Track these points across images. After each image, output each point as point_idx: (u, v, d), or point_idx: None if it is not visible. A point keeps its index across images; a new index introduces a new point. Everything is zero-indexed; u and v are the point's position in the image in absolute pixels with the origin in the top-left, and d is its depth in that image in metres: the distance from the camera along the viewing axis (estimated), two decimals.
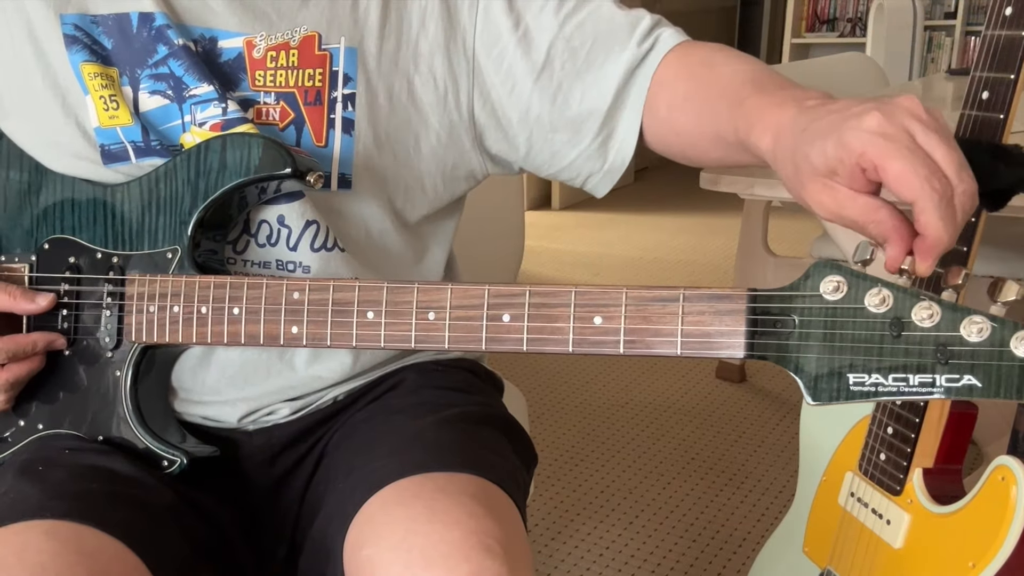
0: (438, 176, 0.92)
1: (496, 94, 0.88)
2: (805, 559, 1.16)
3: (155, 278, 0.81)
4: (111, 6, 0.84)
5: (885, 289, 0.58)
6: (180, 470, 0.83)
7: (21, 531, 0.71)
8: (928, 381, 0.57)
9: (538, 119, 0.88)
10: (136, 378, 0.84)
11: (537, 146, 0.90)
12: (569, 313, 0.67)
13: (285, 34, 0.84)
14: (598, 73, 0.86)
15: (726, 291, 0.63)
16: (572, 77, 0.86)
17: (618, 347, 0.66)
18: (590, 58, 0.86)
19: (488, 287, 0.70)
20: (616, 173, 0.90)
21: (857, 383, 0.59)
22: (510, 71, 0.87)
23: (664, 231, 4.39)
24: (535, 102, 0.88)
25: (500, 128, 0.90)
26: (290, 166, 0.78)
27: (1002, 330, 0.55)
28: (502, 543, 0.71)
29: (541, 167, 0.92)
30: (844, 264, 0.61)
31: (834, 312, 0.60)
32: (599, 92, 0.86)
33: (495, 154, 0.93)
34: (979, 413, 1.00)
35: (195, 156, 0.81)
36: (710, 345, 0.64)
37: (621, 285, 0.66)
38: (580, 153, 0.89)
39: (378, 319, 0.73)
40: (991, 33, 0.90)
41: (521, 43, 0.87)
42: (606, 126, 0.87)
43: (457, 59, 0.88)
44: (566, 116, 0.87)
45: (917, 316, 0.57)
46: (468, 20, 0.88)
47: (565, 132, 0.88)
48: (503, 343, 0.69)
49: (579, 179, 0.92)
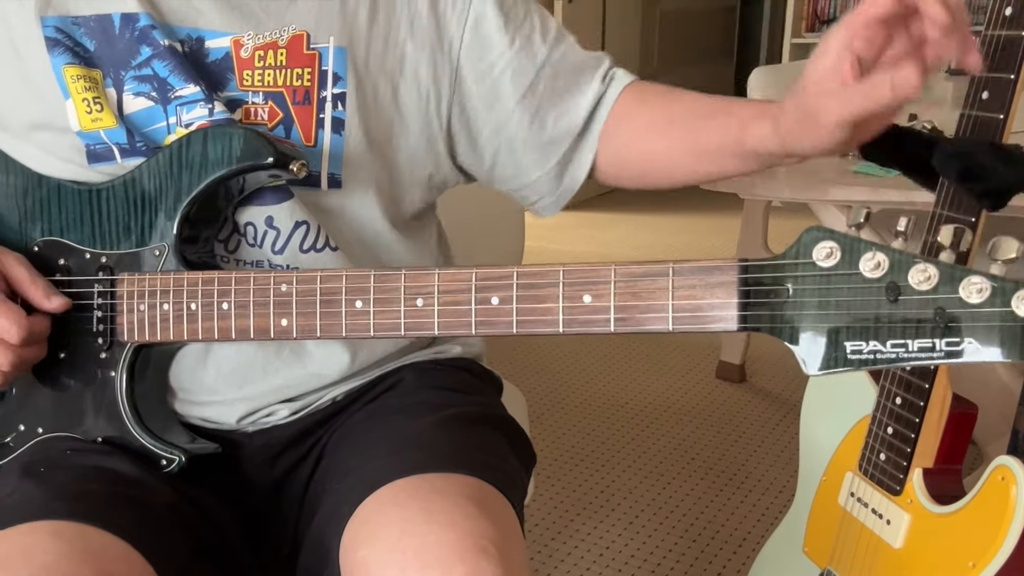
0: (420, 180, 0.93)
1: (472, 106, 0.91)
2: (805, 559, 1.16)
3: (144, 276, 0.81)
4: (93, 7, 0.83)
5: (880, 253, 0.57)
6: (179, 468, 0.83)
7: (26, 532, 0.71)
8: (928, 346, 0.56)
9: (511, 137, 0.92)
10: (131, 378, 0.84)
11: (502, 162, 0.94)
12: (558, 293, 0.67)
13: (273, 33, 0.84)
14: (571, 102, 0.91)
15: (716, 262, 0.62)
16: (550, 102, 0.91)
17: (608, 325, 0.65)
18: (566, 87, 0.92)
19: (475, 270, 0.69)
20: (565, 198, 0.96)
21: (855, 351, 0.58)
22: (495, 87, 0.90)
23: (664, 231, 4.39)
24: (514, 121, 0.91)
25: (470, 139, 0.93)
26: (272, 155, 0.78)
27: (1003, 290, 0.53)
28: (497, 544, 0.71)
29: (500, 181, 0.97)
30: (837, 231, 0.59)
31: (828, 279, 0.58)
32: (570, 120, 0.91)
33: (460, 164, 0.95)
34: (979, 413, 1.00)
35: (177, 151, 0.81)
36: (702, 319, 0.63)
37: (610, 262, 0.65)
38: (541, 175, 0.94)
39: (367, 307, 0.73)
40: (991, 33, 0.90)
41: (514, 61, 0.90)
42: (569, 153, 0.93)
43: (442, 67, 0.89)
44: (538, 139, 0.92)
45: (914, 279, 0.56)
46: (456, 31, 0.89)
47: (533, 153, 0.93)
48: (493, 326, 0.69)
49: (531, 199, 0.97)
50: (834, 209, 1.70)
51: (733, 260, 0.62)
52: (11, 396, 0.88)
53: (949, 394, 0.98)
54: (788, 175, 1.68)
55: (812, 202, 1.69)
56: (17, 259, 0.82)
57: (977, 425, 1.01)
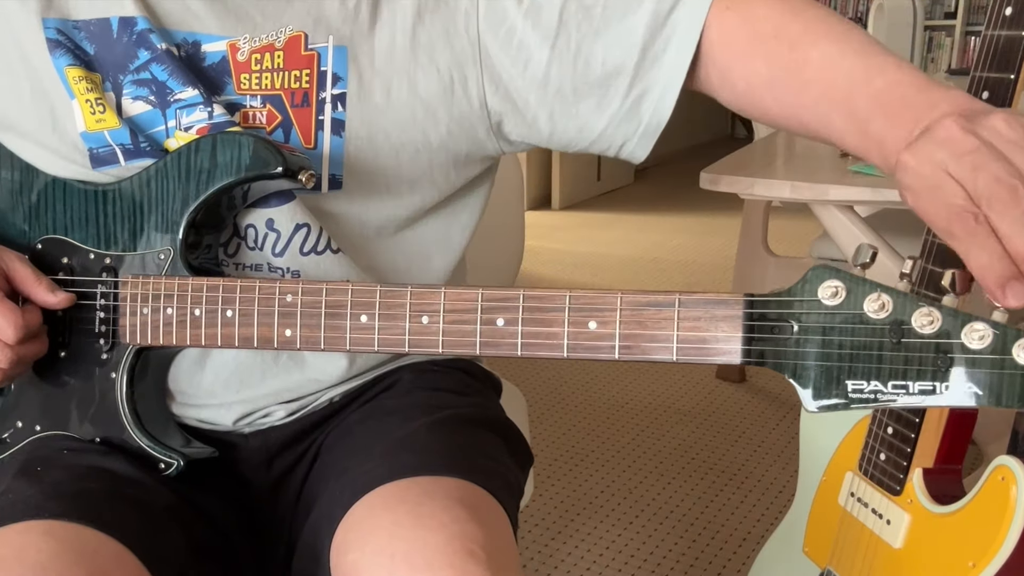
0: (450, 166, 0.89)
1: (508, 76, 0.84)
2: (805, 559, 1.16)
3: (148, 279, 0.81)
4: (92, 11, 0.83)
5: (884, 295, 0.58)
6: (177, 472, 0.83)
7: (21, 531, 0.71)
8: (928, 388, 0.57)
9: (559, 91, 0.83)
10: (132, 380, 0.83)
11: (562, 123, 0.85)
12: (563, 318, 0.67)
13: (270, 35, 0.83)
14: (618, 28, 0.80)
15: (723, 296, 0.63)
16: (591, 37, 0.81)
17: (613, 352, 0.66)
18: (607, 15, 0.81)
19: (481, 290, 0.69)
20: (654, 134, 0.84)
21: (856, 390, 0.59)
22: (522, 46, 0.82)
23: (664, 231, 4.39)
24: (554, 72, 0.82)
25: (518, 112, 0.85)
26: (281, 165, 0.77)
27: (1004, 337, 0.54)
28: (486, 548, 0.71)
29: (570, 143, 0.87)
30: (843, 269, 0.60)
31: (832, 318, 0.59)
32: (623, 48, 0.80)
33: (515, 140, 0.89)
34: (979, 413, 1.00)
35: (185, 156, 0.80)
36: (707, 351, 0.63)
37: (616, 289, 0.66)
38: (611, 119, 0.83)
39: (371, 322, 0.72)
40: (991, 33, 0.90)
41: (529, 14, 0.82)
42: (637, 83, 0.81)
43: (461, 46, 0.84)
44: (589, 80, 0.82)
45: (917, 322, 0.56)
46: (469, 4, 0.84)
47: (591, 98, 0.83)
48: (498, 347, 0.69)
49: (613, 148, 0.86)
50: (833, 209, 1.70)
51: (740, 295, 0.62)
52: (9, 393, 0.87)
53: None
54: (788, 175, 1.68)
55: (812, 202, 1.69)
56: (19, 258, 0.82)
57: (977, 425, 1.01)
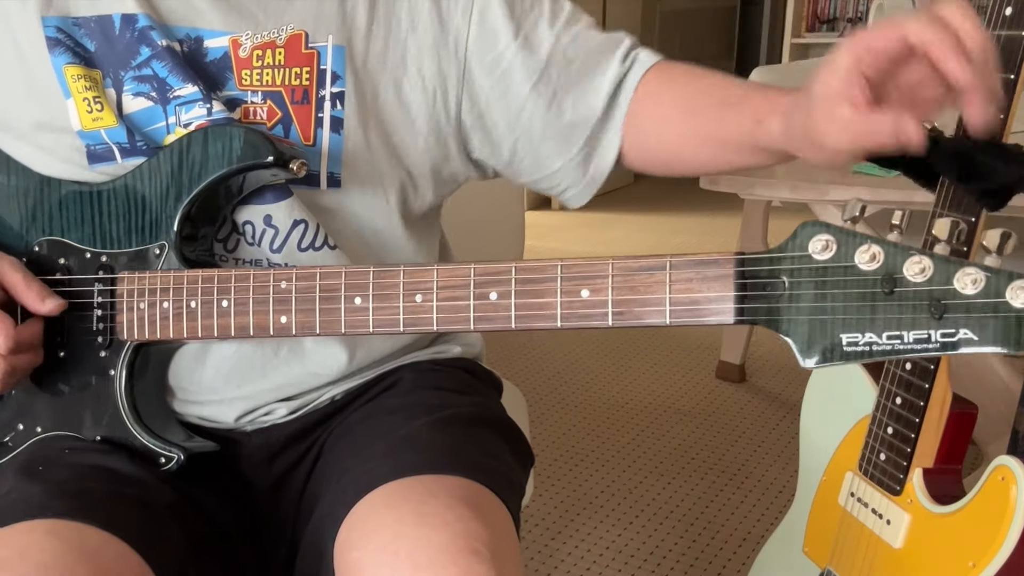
0: (429, 177, 0.92)
1: (485, 98, 0.89)
2: (805, 559, 1.16)
3: (144, 275, 0.81)
4: (93, 8, 0.83)
5: (875, 245, 0.57)
6: (178, 467, 0.83)
7: (24, 531, 0.71)
8: (923, 337, 0.56)
9: (528, 126, 0.89)
10: (131, 376, 0.84)
11: (521, 153, 0.91)
12: (556, 288, 0.67)
13: (271, 32, 0.84)
14: (588, 85, 0.88)
15: (713, 256, 0.63)
16: (566, 86, 0.88)
17: (606, 319, 0.65)
18: (583, 70, 0.88)
19: (473, 265, 0.69)
20: (595, 185, 0.92)
21: (851, 343, 0.58)
22: (505, 76, 0.88)
23: (664, 231, 4.39)
24: (528, 108, 0.89)
25: (485, 132, 0.91)
26: (272, 154, 0.78)
27: (997, 280, 0.53)
28: (490, 546, 0.71)
29: (521, 173, 0.94)
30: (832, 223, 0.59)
31: (824, 271, 0.59)
32: (589, 104, 0.88)
33: (476, 159, 0.93)
34: (979, 413, 1.00)
35: (177, 150, 0.81)
36: (699, 312, 0.63)
37: (607, 256, 0.65)
38: (565, 163, 0.91)
39: (366, 304, 0.73)
40: (991, 33, 0.90)
41: (522, 49, 0.88)
42: (593, 138, 0.89)
43: (447, 61, 0.88)
44: (558, 125, 0.89)
45: (909, 271, 0.56)
46: (462, 23, 0.88)
47: (553, 141, 0.90)
48: (492, 321, 0.69)
49: (557, 189, 0.94)
50: (833, 209, 1.70)
51: (730, 253, 0.62)
52: (10, 396, 0.88)
53: (949, 394, 0.98)
54: (788, 175, 1.68)
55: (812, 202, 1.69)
56: (11, 263, 0.82)
57: (977, 425, 1.01)
